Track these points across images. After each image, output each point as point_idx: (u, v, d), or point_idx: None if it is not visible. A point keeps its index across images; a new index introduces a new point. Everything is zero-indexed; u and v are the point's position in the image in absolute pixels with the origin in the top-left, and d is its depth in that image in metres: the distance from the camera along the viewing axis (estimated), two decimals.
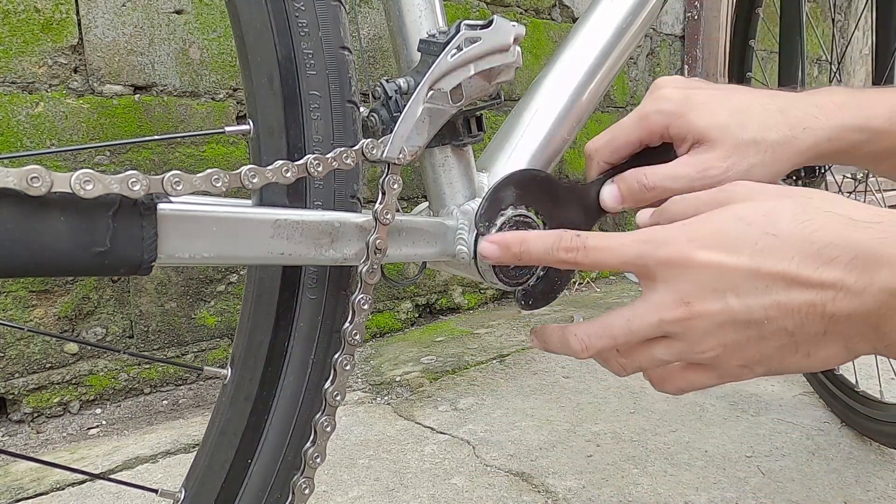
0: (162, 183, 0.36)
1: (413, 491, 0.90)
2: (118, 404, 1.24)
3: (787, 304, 0.34)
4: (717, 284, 0.35)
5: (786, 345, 0.35)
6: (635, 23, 0.57)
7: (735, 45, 1.11)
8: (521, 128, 0.54)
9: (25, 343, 1.14)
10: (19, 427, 1.15)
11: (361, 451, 1.03)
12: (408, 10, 0.48)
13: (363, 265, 0.44)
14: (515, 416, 1.14)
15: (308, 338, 0.47)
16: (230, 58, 1.32)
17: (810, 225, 0.34)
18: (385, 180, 0.44)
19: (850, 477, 0.91)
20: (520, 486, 0.91)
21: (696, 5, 2.44)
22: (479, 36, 0.45)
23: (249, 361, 0.47)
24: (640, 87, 2.37)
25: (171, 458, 1.03)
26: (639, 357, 0.40)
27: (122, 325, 1.24)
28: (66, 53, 1.14)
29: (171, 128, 1.25)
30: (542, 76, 0.57)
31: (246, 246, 0.40)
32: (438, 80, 0.44)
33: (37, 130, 1.12)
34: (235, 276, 1.37)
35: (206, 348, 1.34)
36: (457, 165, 0.50)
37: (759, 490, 0.89)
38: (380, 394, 1.26)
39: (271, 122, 0.43)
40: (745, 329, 0.35)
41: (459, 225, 0.49)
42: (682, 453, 0.99)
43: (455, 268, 0.52)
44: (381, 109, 0.46)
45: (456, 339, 1.58)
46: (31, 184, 0.32)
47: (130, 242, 0.36)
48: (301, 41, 0.43)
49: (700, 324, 0.36)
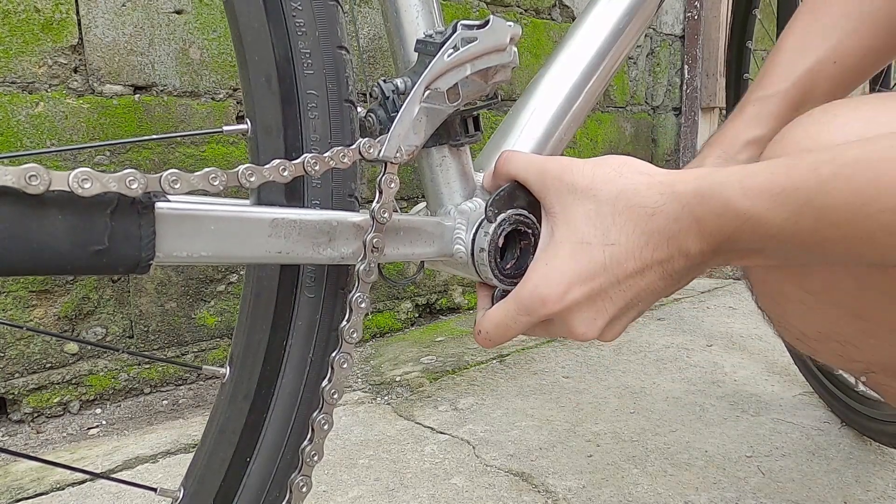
0: (160, 182, 0.36)
1: (413, 491, 0.90)
2: (118, 404, 1.24)
3: (646, 286, 0.43)
4: (596, 306, 0.43)
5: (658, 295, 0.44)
6: (633, 22, 0.57)
7: (733, 46, 1.11)
8: (519, 127, 0.54)
9: (25, 343, 1.14)
10: (19, 427, 1.15)
11: (361, 451, 1.03)
12: (405, 11, 0.48)
13: (360, 264, 0.44)
14: (515, 416, 1.14)
15: (306, 336, 0.47)
16: (230, 58, 1.33)
17: (629, 226, 0.41)
18: (382, 180, 0.44)
19: (850, 477, 0.91)
20: (520, 486, 0.91)
21: (696, 5, 2.44)
22: (475, 36, 0.45)
23: (248, 360, 0.47)
24: (640, 87, 2.37)
25: (171, 457, 1.03)
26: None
27: (122, 324, 1.24)
28: (66, 53, 1.14)
29: (171, 128, 1.25)
30: (539, 76, 0.57)
31: (244, 245, 0.40)
32: (435, 79, 0.45)
33: (37, 130, 1.12)
34: (235, 276, 1.37)
35: (206, 348, 1.34)
36: (454, 165, 0.50)
37: (759, 490, 0.89)
38: (380, 394, 1.27)
39: (269, 122, 0.43)
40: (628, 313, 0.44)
41: (457, 224, 0.50)
42: (682, 453, 0.99)
43: (453, 267, 0.52)
44: (378, 109, 0.46)
45: (456, 339, 1.58)
46: (29, 182, 0.32)
47: (128, 241, 0.36)
48: (298, 41, 0.43)
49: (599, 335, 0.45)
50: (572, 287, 0.43)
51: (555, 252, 0.44)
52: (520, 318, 0.45)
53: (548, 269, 0.43)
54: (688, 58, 2.50)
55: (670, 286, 0.43)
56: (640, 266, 0.42)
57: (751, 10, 1.08)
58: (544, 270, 0.44)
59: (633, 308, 0.44)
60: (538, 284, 0.43)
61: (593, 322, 0.43)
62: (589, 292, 0.43)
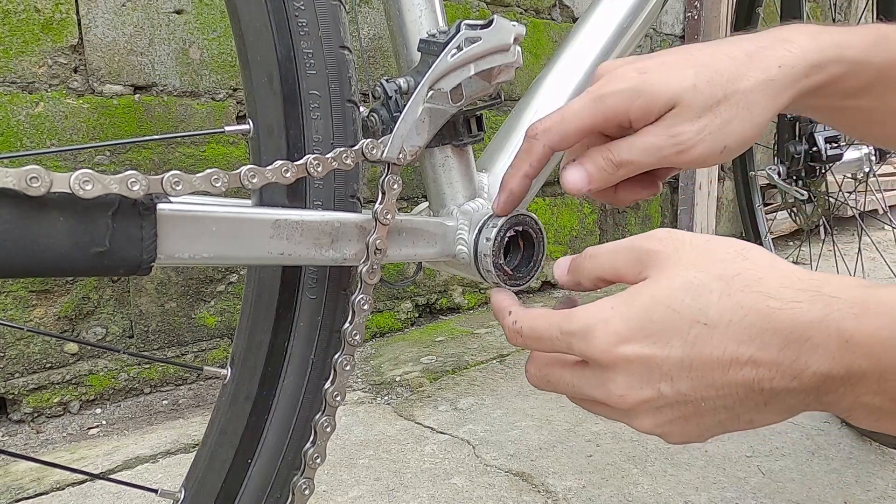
0: (161, 183, 0.36)
1: (413, 491, 0.90)
2: (118, 404, 1.24)
3: (722, 387, 0.33)
4: (648, 376, 0.34)
5: (726, 418, 0.35)
6: (635, 22, 0.57)
7: None
8: (522, 128, 0.54)
9: (25, 343, 1.14)
10: (19, 427, 1.15)
11: (361, 450, 1.02)
12: (408, 10, 0.48)
13: (363, 265, 0.44)
14: (515, 416, 1.14)
15: (308, 338, 0.47)
16: (230, 58, 1.32)
17: (739, 311, 0.33)
18: (385, 180, 0.44)
19: (850, 477, 0.91)
20: (520, 486, 0.91)
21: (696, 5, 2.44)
22: (479, 36, 0.45)
23: (249, 361, 0.46)
24: None
25: (171, 457, 1.03)
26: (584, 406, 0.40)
27: (122, 325, 1.24)
28: (66, 53, 1.14)
29: (171, 128, 1.25)
30: (542, 76, 0.57)
31: (246, 246, 0.40)
32: (438, 79, 0.44)
33: (37, 130, 1.12)
34: (235, 276, 1.37)
35: (206, 348, 1.34)
36: (457, 165, 0.50)
37: (759, 490, 0.89)
38: (380, 394, 1.26)
39: (271, 122, 0.43)
40: (681, 409, 0.35)
41: (460, 225, 0.49)
42: (682, 453, 0.99)
43: (455, 268, 0.52)
44: (381, 109, 0.46)
45: (456, 339, 1.58)
46: (30, 184, 0.32)
47: (130, 243, 0.36)
48: (301, 40, 0.43)
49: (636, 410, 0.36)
50: (631, 341, 0.34)
51: (631, 300, 0.35)
52: (556, 339, 0.38)
53: (612, 313, 0.35)
54: None
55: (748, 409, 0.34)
56: (728, 359, 0.33)
57: (754, 8, 1.08)
58: (608, 313, 0.35)
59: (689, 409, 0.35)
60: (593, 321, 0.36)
61: (638, 391, 0.35)
62: (647, 357, 0.34)
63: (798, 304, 0.32)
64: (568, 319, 0.37)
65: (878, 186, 1.13)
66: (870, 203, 1.16)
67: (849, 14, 2.96)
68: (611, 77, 0.44)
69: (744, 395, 0.33)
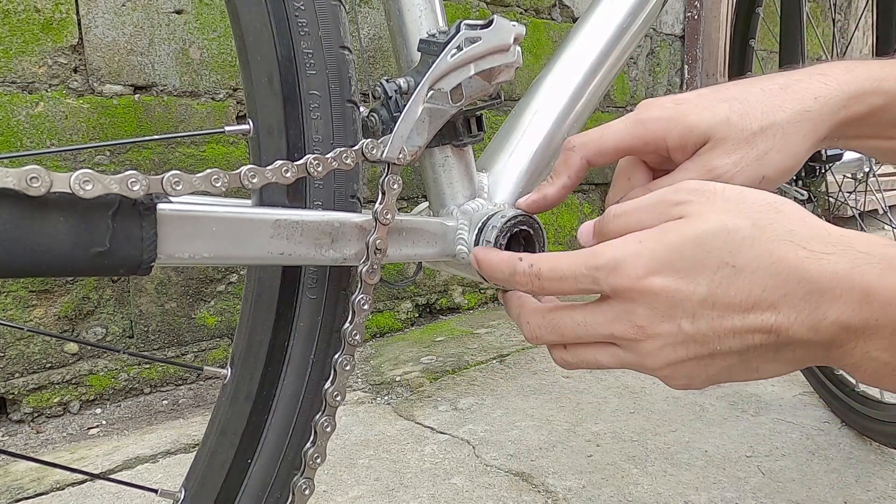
0: (161, 183, 0.36)
1: (413, 491, 0.90)
2: (118, 404, 1.24)
3: (741, 331, 0.34)
4: (671, 310, 0.35)
5: (735, 363, 0.36)
6: (635, 23, 0.57)
7: (735, 45, 1.11)
8: (522, 128, 0.54)
9: (25, 343, 1.14)
10: (19, 427, 1.15)
11: (361, 450, 1.02)
12: (408, 10, 0.48)
13: (363, 265, 0.44)
14: (515, 416, 1.14)
15: (308, 338, 0.47)
16: (230, 58, 1.32)
17: (768, 258, 0.33)
18: (385, 180, 0.44)
19: (850, 477, 0.91)
20: (520, 486, 0.91)
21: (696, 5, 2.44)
22: (479, 36, 0.45)
23: (249, 361, 0.46)
24: (640, 87, 2.37)
25: (171, 457, 1.03)
26: (584, 357, 0.40)
27: (122, 324, 1.24)
28: (66, 53, 1.14)
29: (171, 128, 1.25)
30: (542, 76, 0.57)
31: (246, 246, 0.40)
32: (438, 79, 0.44)
33: (37, 130, 1.12)
34: (235, 276, 1.37)
35: (206, 348, 1.34)
36: (457, 165, 0.50)
37: (759, 490, 0.89)
38: (380, 394, 1.26)
39: (271, 122, 0.43)
40: (696, 348, 0.35)
41: (460, 225, 0.49)
42: (682, 453, 0.99)
43: (455, 268, 0.52)
44: (381, 109, 0.45)
45: (456, 339, 1.58)
46: (30, 184, 0.32)
47: (130, 243, 0.36)
48: (301, 40, 0.43)
49: (651, 344, 0.36)
50: (658, 273, 0.34)
51: (661, 236, 0.35)
52: (581, 275, 0.37)
53: (641, 248, 0.35)
54: (688, 58, 2.50)
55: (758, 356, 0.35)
56: (751, 303, 0.33)
57: (754, 8, 1.08)
58: (637, 247, 0.35)
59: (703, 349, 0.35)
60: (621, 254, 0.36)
61: (659, 324, 0.35)
62: (673, 291, 0.34)
63: (827, 255, 0.32)
64: (594, 255, 0.37)
65: (878, 186, 1.13)
66: (870, 203, 1.16)
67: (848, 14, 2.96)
68: (650, 104, 0.45)
69: (759, 342, 0.34)
